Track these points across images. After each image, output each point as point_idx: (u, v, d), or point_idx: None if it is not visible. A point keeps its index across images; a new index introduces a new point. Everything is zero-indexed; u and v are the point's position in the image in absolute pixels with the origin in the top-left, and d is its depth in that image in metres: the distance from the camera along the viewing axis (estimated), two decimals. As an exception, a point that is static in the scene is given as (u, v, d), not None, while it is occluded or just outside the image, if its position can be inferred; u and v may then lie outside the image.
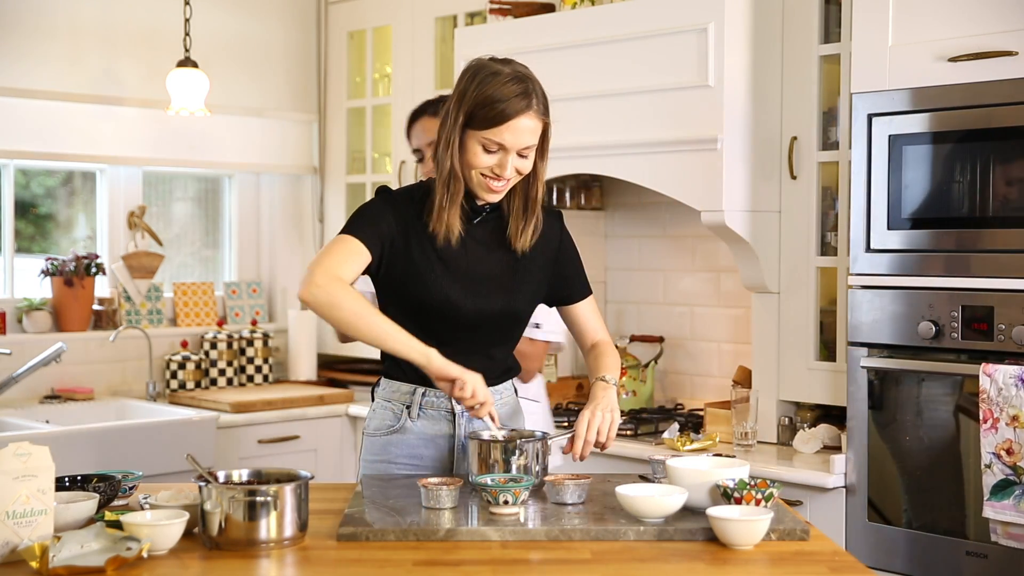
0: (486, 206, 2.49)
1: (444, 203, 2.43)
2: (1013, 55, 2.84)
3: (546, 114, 2.43)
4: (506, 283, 2.50)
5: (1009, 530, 2.82)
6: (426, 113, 3.18)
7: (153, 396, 4.56)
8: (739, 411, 3.52)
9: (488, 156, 2.40)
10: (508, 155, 2.39)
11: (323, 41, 5.07)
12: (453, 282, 2.45)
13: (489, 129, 2.37)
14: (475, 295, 2.47)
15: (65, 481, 2.20)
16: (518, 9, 4.05)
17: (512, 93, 2.37)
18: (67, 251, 4.63)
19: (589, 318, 2.65)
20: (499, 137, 2.37)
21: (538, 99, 2.41)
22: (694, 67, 3.45)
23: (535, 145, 2.42)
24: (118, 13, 4.61)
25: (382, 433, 2.53)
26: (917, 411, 3.10)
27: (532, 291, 2.55)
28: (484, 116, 2.37)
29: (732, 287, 4.00)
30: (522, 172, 2.43)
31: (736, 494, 2.10)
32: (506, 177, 2.41)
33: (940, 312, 2.98)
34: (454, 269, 2.46)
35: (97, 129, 4.54)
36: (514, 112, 2.37)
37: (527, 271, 2.53)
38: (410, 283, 2.45)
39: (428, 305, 2.45)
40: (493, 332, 2.52)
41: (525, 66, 2.46)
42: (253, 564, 1.91)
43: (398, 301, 2.47)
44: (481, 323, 2.48)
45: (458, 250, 2.46)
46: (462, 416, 2.50)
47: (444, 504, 2.16)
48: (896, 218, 3.08)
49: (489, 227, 2.51)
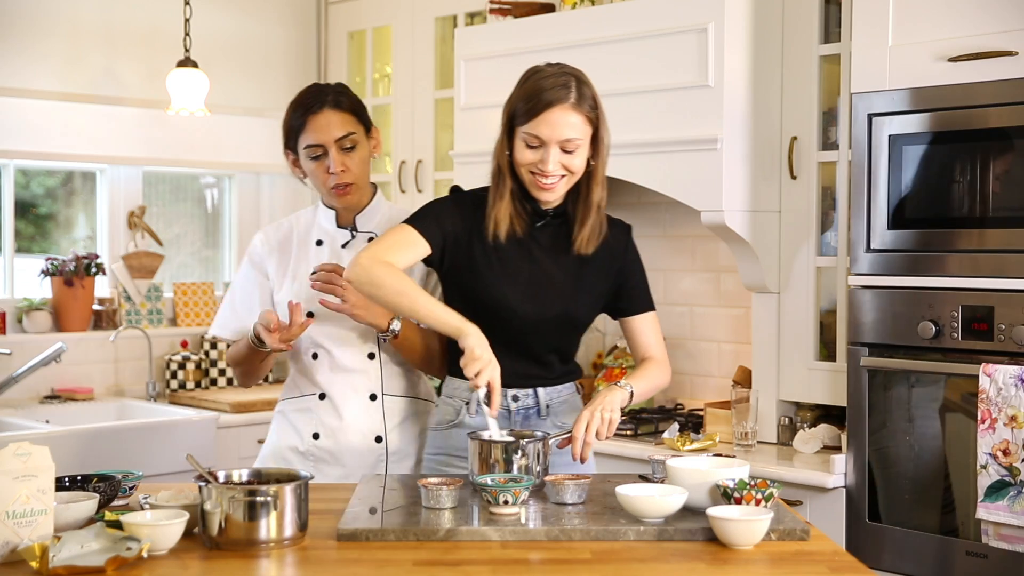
0: (549, 210, 2.51)
1: (493, 199, 2.49)
2: (1013, 55, 2.84)
3: (592, 111, 2.44)
4: (567, 289, 2.52)
5: (1001, 531, 2.82)
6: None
7: (153, 396, 4.56)
8: (739, 411, 3.52)
9: (531, 152, 2.43)
10: (549, 149, 2.41)
11: (323, 41, 5.07)
12: (511, 284, 2.49)
13: (528, 123, 2.42)
14: (533, 298, 2.50)
15: (65, 481, 2.20)
16: (518, 9, 4.05)
17: (549, 86, 2.42)
18: (67, 251, 4.63)
19: (644, 333, 2.63)
20: (537, 130, 2.41)
21: (579, 94, 2.42)
22: (694, 67, 3.45)
23: (579, 141, 2.43)
24: (118, 13, 4.61)
25: (443, 427, 2.59)
26: (917, 411, 3.10)
27: (593, 299, 2.57)
28: (523, 110, 2.43)
29: (732, 287, 3.99)
30: (570, 169, 2.44)
31: (736, 494, 2.10)
32: (550, 172, 2.43)
33: (940, 312, 2.98)
34: (513, 271, 2.50)
35: (97, 129, 4.54)
36: (549, 103, 2.40)
37: (589, 278, 2.55)
38: (469, 283, 2.50)
39: (485, 305, 2.48)
40: (550, 337, 2.54)
41: (577, 68, 2.48)
42: (253, 564, 1.91)
43: (459, 300, 2.51)
44: (538, 327, 2.51)
45: (519, 253, 2.50)
46: (517, 414, 2.53)
47: (444, 504, 2.16)
48: (896, 218, 3.08)
49: (553, 232, 2.54)
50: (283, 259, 2.74)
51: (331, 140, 2.62)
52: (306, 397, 2.73)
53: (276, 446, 2.76)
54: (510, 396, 2.52)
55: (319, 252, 2.72)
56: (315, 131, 2.63)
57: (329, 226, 2.74)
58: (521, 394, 2.54)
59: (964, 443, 2.98)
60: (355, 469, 2.67)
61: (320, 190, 2.70)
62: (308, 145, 2.64)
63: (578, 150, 2.43)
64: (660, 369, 2.61)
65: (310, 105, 2.64)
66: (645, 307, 2.64)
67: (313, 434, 2.70)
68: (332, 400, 2.69)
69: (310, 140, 2.63)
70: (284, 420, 2.76)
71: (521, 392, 2.54)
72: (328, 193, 2.68)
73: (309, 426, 2.71)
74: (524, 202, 2.50)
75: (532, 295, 2.49)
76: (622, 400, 2.47)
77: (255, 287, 2.75)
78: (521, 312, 2.49)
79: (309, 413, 2.71)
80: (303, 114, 2.64)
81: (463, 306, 2.48)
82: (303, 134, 2.64)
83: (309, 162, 2.66)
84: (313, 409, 2.71)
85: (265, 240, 2.77)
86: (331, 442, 2.69)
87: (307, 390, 2.73)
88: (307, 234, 2.75)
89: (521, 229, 2.50)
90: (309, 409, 2.71)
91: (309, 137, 2.63)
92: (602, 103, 2.48)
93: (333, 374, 2.69)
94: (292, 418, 2.74)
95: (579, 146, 2.43)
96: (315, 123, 2.63)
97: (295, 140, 2.67)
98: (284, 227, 2.79)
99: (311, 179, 2.70)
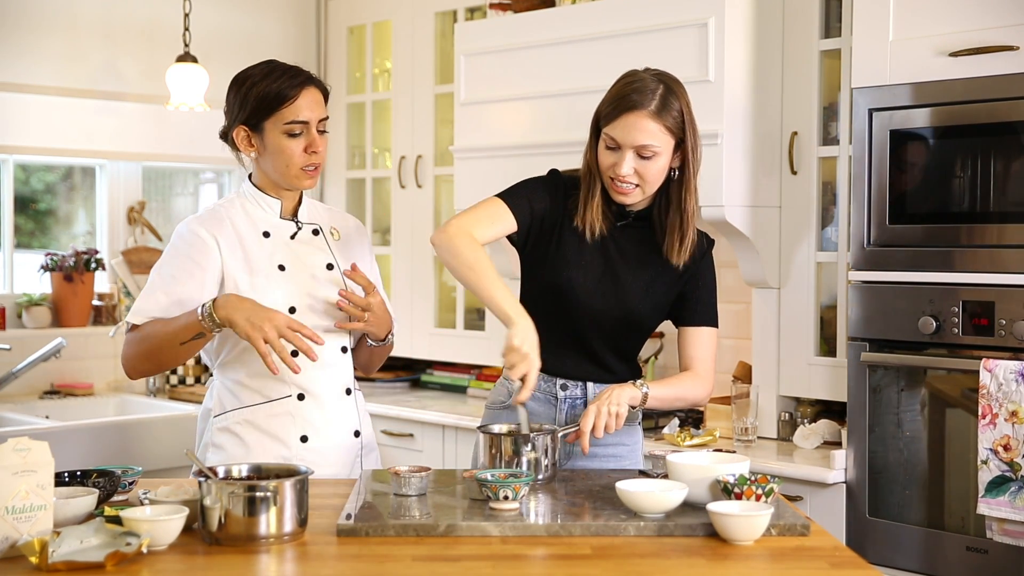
0: (631, 211, 2.53)
1: (585, 198, 2.51)
2: (1014, 50, 2.84)
3: (676, 121, 2.44)
4: (636, 291, 2.54)
5: (1005, 527, 2.82)
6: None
7: (153, 391, 4.56)
8: (739, 406, 3.51)
9: (609, 154, 2.46)
10: (624, 154, 2.43)
11: (323, 36, 5.07)
12: (582, 276, 2.51)
13: (607, 125, 2.45)
14: (602, 295, 2.52)
15: (64, 476, 2.20)
16: (518, 4, 4.04)
17: (634, 90, 2.44)
18: (67, 246, 4.63)
19: (694, 346, 2.60)
20: (613, 132, 2.44)
21: (663, 103, 2.43)
22: (694, 62, 3.45)
23: (656, 148, 2.43)
24: (117, 8, 4.61)
25: (496, 407, 2.62)
26: (918, 406, 3.10)
27: (659, 304, 2.58)
28: (607, 112, 2.46)
29: (732, 282, 3.99)
30: (645, 177, 2.45)
31: (736, 489, 2.10)
32: (622, 176, 2.44)
33: (941, 307, 2.98)
34: (588, 264, 2.52)
35: (97, 124, 4.54)
36: (629, 107, 2.42)
37: (661, 284, 2.56)
38: (546, 266, 2.53)
39: (555, 292, 2.51)
40: (612, 335, 2.55)
41: (673, 77, 2.50)
42: (253, 560, 1.91)
43: (533, 282, 2.55)
44: (601, 323, 2.53)
45: (596, 248, 2.53)
46: (564, 402, 2.56)
47: (412, 491, 2.19)
48: (897, 213, 3.07)
49: (634, 234, 2.55)
50: (232, 250, 2.52)
51: (316, 118, 2.52)
52: (281, 401, 2.53)
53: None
54: (558, 384, 2.56)
55: (269, 243, 2.56)
56: (304, 107, 2.49)
57: (271, 217, 2.60)
58: (571, 384, 2.57)
59: (965, 438, 2.98)
60: (341, 467, 2.59)
61: (282, 171, 2.53)
62: (292, 121, 2.49)
63: (655, 158, 2.43)
64: (694, 382, 2.59)
65: (298, 78, 2.51)
66: (704, 321, 2.61)
67: (301, 437, 2.53)
68: (314, 398, 2.55)
69: (296, 115, 2.49)
70: (254, 432, 2.53)
71: (571, 382, 2.57)
72: (295, 174, 2.53)
73: (294, 430, 2.53)
74: (610, 201, 2.52)
75: (602, 291, 2.52)
76: (632, 397, 2.47)
77: (196, 269, 2.49)
78: (587, 305, 2.51)
79: (289, 417, 2.53)
80: (290, 87, 2.49)
81: (535, 288, 2.53)
82: (285, 107, 2.48)
83: (282, 138, 2.49)
84: (293, 412, 2.53)
85: (208, 230, 2.52)
86: (319, 442, 2.55)
87: (278, 393, 2.53)
88: (247, 225, 2.57)
89: (605, 227, 2.52)
90: (288, 413, 2.53)
91: (295, 112, 2.49)
92: (693, 114, 2.47)
93: (313, 371, 2.52)
94: (268, 427, 2.53)
95: (656, 154, 2.43)
96: (304, 98, 2.50)
97: (268, 112, 2.49)
98: (218, 217, 2.57)
99: (275, 157, 2.51)
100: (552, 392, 2.58)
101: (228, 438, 2.54)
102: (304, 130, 2.52)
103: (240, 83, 2.54)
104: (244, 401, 2.54)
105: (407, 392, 4.64)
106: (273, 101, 2.49)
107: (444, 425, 4.09)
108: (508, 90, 3.92)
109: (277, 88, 2.49)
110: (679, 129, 2.45)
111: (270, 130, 2.51)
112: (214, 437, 2.56)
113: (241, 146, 2.57)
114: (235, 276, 2.51)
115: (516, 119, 3.91)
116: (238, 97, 2.53)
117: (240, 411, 2.54)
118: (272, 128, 2.51)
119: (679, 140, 2.46)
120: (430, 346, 4.63)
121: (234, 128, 2.55)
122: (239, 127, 2.54)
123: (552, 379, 2.56)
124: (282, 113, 2.50)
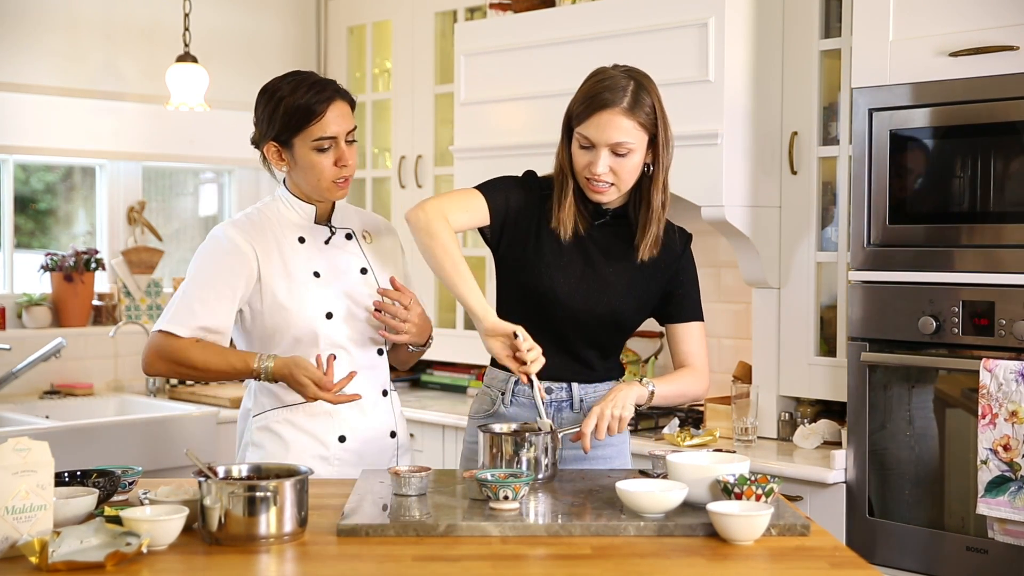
0: (608, 209, 2.53)
1: (559, 199, 2.51)
2: (1014, 50, 2.84)
3: (649, 117, 2.43)
4: (618, 289, 2.53)
5: (1006, 527, 2.82)
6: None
7: (153, 391, 4.56)
8: (739, 406, 3.51)
9: (584, 153, 2.45)
10: (599, 152, 2.42)
11: (323, 36, 5.07)
12: (563, 277, 2.51)
13: (580, 124, 2.44)
14: (583, 294, 2.51)
15: (64, 476, 2.20)
16: (518, 4, 4.04)
17: (602, 88, 2.42)
18: (67, 246, 4.63)
19: (686, 342, 2.61)
20: (587, 131, 2.43)
21: (635, 99, 2.42)
22: (694, 62, 3.45)
23: (631, 145, 2.42)
24: (117, 8, 4.61)
25: (480, 416, 2.61)
26: (918, 406, 3.10)
27: (642, 302, 2.57)
28: (578, 111, 2.45)
29: (732, 282, 3.99)
30: (620, 175, 2.44)
31: (736, 489, 2.10)
32: (598, 175, 2.43)
33: (941, 307, 2.98)
34: (566, 265, 2.51)
35: (97, 124, 4.54)
36: (601, 105, 2.41)
37: (641, 282, 2.55)
38: (522, 269, 2.52)
39: (534, 293, 2.50)
40: (593, 334, 2.55)
41: (643, 73, 2.48)
42: (253, 559, 1.91)
43: (510, 285, 2.55)
44: (583, 323, 2.52)
45: (575, 248, 2.52)
46: (548, 406, 2.54)
47: (412, 491, 2.19)
48: (897, 213, 3.07)
49: (612, 231, 2.55)
50: (269, 257, 2.55)
51: (343, 132, 2.53)
52: (320, 401, 2.54)
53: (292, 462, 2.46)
54: (544, 388, 2.53)
55: (304, 249, 2.59)
56: (331, 121, 2.50)
57: (306, 223, 2.61)
58: (555, 387, 2.56)
59: (964, 438, 2.98)
60: (375, 468, 2.59)
61: (314, 184, 2.55)
62: (321, 137, 2.49)
63: (630, 155, 2.43)
64: (694, 377, 2.59)
65: (324, 92, 2.51)
66: (692, 316, 2.62)
67: (339, 437, 2.59)
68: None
69: (324, 132, 2.49)
70: (294, 431, 2.58)
71: (555, 385, 2.55)
72: (327, 187, 2.55)
73: (333, 430, 2.59)
74: (586, 200, 2.51)
75: (582, 291, 2.51)
76: (638, 397, 2.47)
77: (226, 287, 2.52)
78: (568, 305, 2.50)
79: (329, 417, 2.58)
80: (318, 102, 2.49)
81: (511, 293, 2.52)
82: (314, 124, 2.49)
83: (312, 154, 2.50)
84: (332, 412, 2.58)
85: (246, 237, 2.55)
86: (358, 443, 2.61)
87: None
88: (283, 230, 2.59)
89: (582, 226, 2.52)
90: (327, 413, 2.58)
91: (323, 128, 2.49)
92: (665, 109, 2.47)
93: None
94: (308, 426, 2.58)
95: (631, 151, 2.43)
96: (332, 112, 2.50)
97: (297, 129, 2.50)
98: (255, 222, 2.59)
99: (306, 172, 2.53)
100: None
101: (268, 437, 2.59)
102: (333, 144, 2.53)
103: (268, 97, 2.55)
104: (284, 400, 2.59)
105: (407, 392, 4.64)
106: (301, 118, 2.50)
107: (444, 425, 4.10)
108: (508, 90, 3.92)
109: (305, 104, 2.49)
110: (652, 125, 2.45)
111: (299, 146, 2.53)
112: (254, 436, 2.61)
113: (272, 161, 2.59)
114: (272, 285, 2.54)
115: (516, 119, 3.91)
116: (266, 112, 2.55)
117: (279, 411, 2.59)
118: (301, 144, 2.53)
119: (652, 136, 2.46)
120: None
121: (264, 144, 2.58)
122: (269, 143, 2.56)
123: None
124: (310, 130, 2.51)
